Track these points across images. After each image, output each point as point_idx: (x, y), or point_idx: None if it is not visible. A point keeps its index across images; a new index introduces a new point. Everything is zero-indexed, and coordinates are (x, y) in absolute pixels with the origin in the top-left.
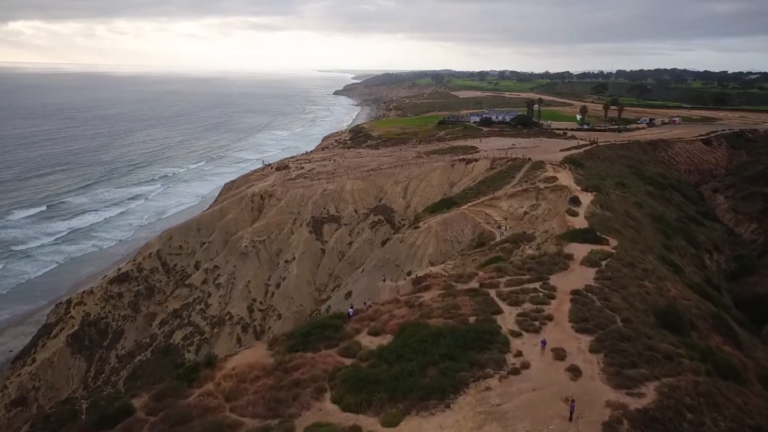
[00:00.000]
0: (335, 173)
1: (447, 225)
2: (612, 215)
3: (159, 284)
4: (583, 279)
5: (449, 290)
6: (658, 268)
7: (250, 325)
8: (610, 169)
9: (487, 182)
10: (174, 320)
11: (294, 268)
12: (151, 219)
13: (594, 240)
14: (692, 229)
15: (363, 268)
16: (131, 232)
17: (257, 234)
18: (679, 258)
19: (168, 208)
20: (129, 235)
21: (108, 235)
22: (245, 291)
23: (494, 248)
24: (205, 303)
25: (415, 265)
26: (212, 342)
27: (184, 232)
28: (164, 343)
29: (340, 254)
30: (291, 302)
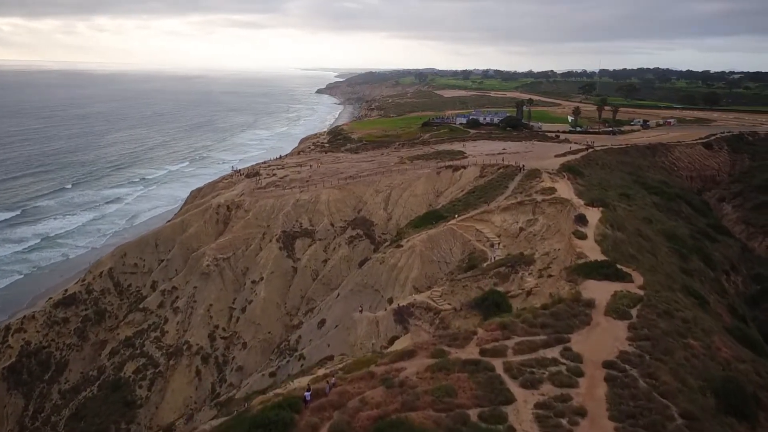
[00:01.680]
0: (310, 181)
1: (433, 243)
2: (624, 236)
3: (110, 308)
4: (614, 339)
5: (441, 360)
6: (699, 317)
7: (211, 356)
8: (611, 177)
9: (476, 192)
10: (126, 350)
11: (262, 289)
12: (125, 225)
13: (615, 276)
14: (706, 247)
15: (338, 293)
16: (104, 239)
17: (221, 250)
18: (700, 284)
19: (144, 212)
20: (102, 242)
21: (79, 243)
22: (206, 316)
23: (487, 272)
24: (161, 330)
25: (396, 291)
26: (167, 376)
27: (141, 248)
28: (113, 376)
29: (314, 273)
30: (258, 329)
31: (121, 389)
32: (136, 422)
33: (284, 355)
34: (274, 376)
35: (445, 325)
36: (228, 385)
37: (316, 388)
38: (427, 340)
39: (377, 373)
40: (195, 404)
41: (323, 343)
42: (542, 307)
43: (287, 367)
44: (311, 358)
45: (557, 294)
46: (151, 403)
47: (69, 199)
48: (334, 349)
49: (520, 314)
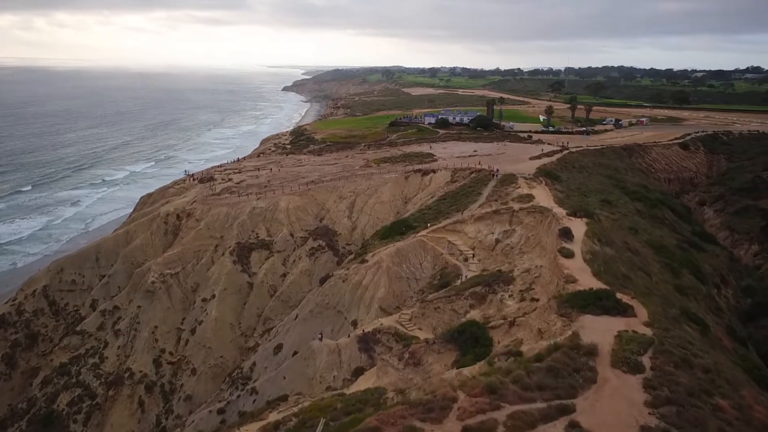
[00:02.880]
0: (269, 186)
1: (401, 257)
2: (614, 252)
3: (44, 330)
4: (629, 405)
5: None
6: (720, 362)
7: (156, 384)
8: (589, 181)
9: (448, 199)
10: (60, 378)
11: (213, 308)
12: (82, 230)
13: (615, 309)
14: (695, 259)
15: (297, 314)
16: (57, 245)
17: (169, 265)
18: (696, 304)
19: (102, 215)
20: (55, 248)
21: (31, 250)
22: (151, 339)
23: (462, 292)
24: (100, 356)
25: (361, 312)
26: (106, 408)
27: (80, 263)
28: (45, 409)
29: (272, 289)
30: (209, 353)
31: (53, 424)
32: None
33: (236, 384)
34: (223, 413)
35: (416, 361)
36: (175, 416)
37: None
38: (393, 413)
39: None
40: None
41: (279, 375)
42: (536, 358)
43: (237, 402)
44: (264, 393)
45: (551, 337)
46: None
47: (21, 203)
48: (291, 382)
49: (510, 370)
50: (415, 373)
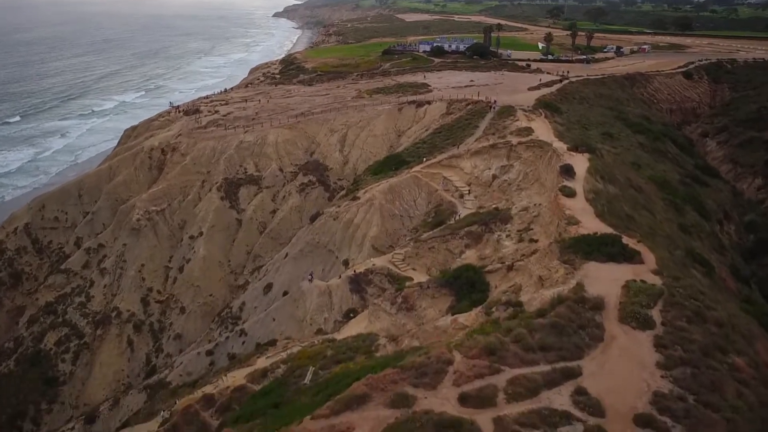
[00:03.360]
0: (257, 119)
1: (395, 194)
2: (617, 190)
3: (28, 269)
4: (640, 367)
5: (403, 422)
6: (734, 315)
7: (144, 323)
8: (591, 113)
9: (443, 133)
10: (46, 317)
11: (201, 246)
12: (71, 162)
13: (621, 255)
14: (699, 194)
15: (287, 253)
16: (47, 177)
17: (154, 202)
18: (700, 243)
19: (91, 147)
20: (44, 181)
21: (20, 182)
22: (138, 278)
23: (457, 231)
24: (86, 294)
25: (353, 252)
26: (94, 347)
27: (62, 200)
28: (32, 348)
29: (261, 226)
30: (197, 291)
31: (41, 364)
32: (59, 401)
33: (225, 324)
34: (212, 354)
35: (409, 305)
36: (165, 355)
37: None
38: (384, 377)
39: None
40: (128, 378)
41: (268, 316)
42: (538, 314)
43: (226, 344)
44: (254, 335)
45: (553, 285)
46: (77, 378)
47: (10, 133)
48: (280, 324)
49: (510, 328)
50: (408, 318)
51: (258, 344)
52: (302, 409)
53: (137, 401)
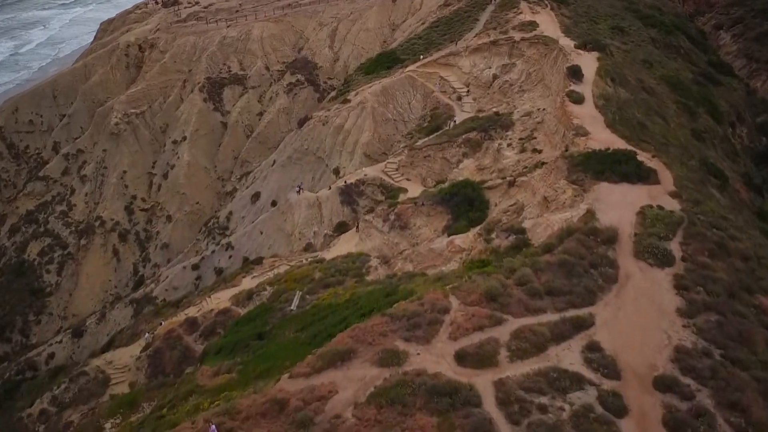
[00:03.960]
0: (240, 11)
1: (388, 96)
2: (628, 94)
3: (5, 175)
4: (659, 315)
5: (393, 382)
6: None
7: (130, 232)
8: (599, 4)
9: (440, 27)
10: (28, 227)
11: (185, 151)
12: (53, 56)
13: (635, 175)
14: (712, 95)
15: (274, 161)
16: (28, 72)
17: (133, 104)
18: (714, 152)
19: (73, 40)
20: (26, 77)
21: (0, 79)
22: (120, 185)
23: (455, 138)
24: (68, 203)
25: (344, 159)
26: (79, 257)
27: (36, 101)
28: (16, 258)
29: (247, 129)
30: (183, 199)
31: (25, 275)
32: (47, 312)
33: (213, 234)
34: (198, 269)
35: (403, 223)
36: (153, 265)
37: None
38: (372, 327)
39: (289, 403)
40: (116, 288)
41: (255, 229)
42: (545, 249)
43: (213, 258)
44: (240, 249)
45: (560, 209)
46: (63, 289)
47: None
48: (268, 237)
49: (513, 268)
50: (401, 237)
51: (245, 258)
52: (285, 348)
53: (124, 315)
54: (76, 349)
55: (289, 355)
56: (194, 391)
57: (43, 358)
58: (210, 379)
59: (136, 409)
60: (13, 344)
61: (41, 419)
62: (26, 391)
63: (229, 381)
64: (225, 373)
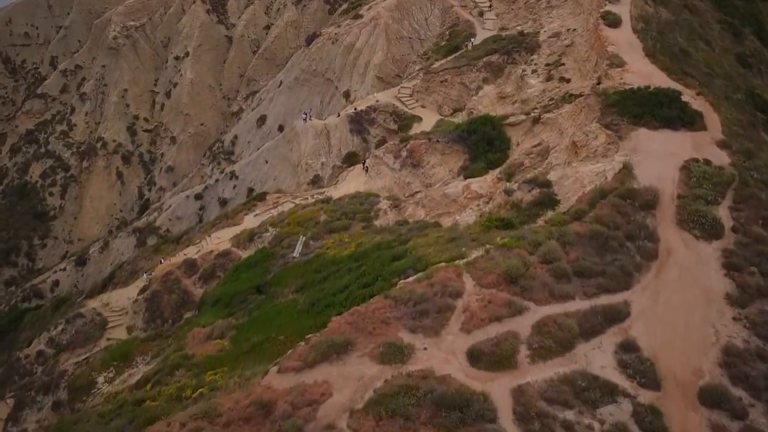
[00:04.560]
0: None
1: (403, 11)
2: (669, 15)
3: (4, 92)
4: (705, 302)
5: (395, 385)
6: None
7: (133, 154)
8: None
9: None
10: (29, 147)
11: (188, 68)
12: None
13: (679, 119)
14: (760, 12)
15: (281, 81)
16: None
17: (132, 15)
18: (760, 80)
19: None
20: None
21: None
22: (122, 104)
23: (475, 61)
24: (68, 123)
25: (354, 82)
26: (82, 180)
27: (30, 12)
28: (18, 180)
29: (254, 45)
30: (188, 120)
31: (28, 197)
32: (52, 236)
33: (218, 159)
34: (201, 198)
35: (415, 161)
36: (158, 189)
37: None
38: (373, 312)
39: (276, 406)
40: (121, 212)
41: (260, 158)
42: (574, 215)
43: (216, 187)
44: (245, 179)
45: (590, 158)
46: (67, 213)
47: None
48: (274, 168)
49: (537, 241)
50: (413, 176)
51: (250, 189)
52: (280, 314)
53: (127, 245)
54: (80, 278)
55: (285, 323)
56: (181, 365)
57: (48, 285)
58: (201, 344)
59: (130, 362)
60: (19, 268)
61: (39, 360)
62: (29, 322)
63: (219, 352)
64: (217, 338)
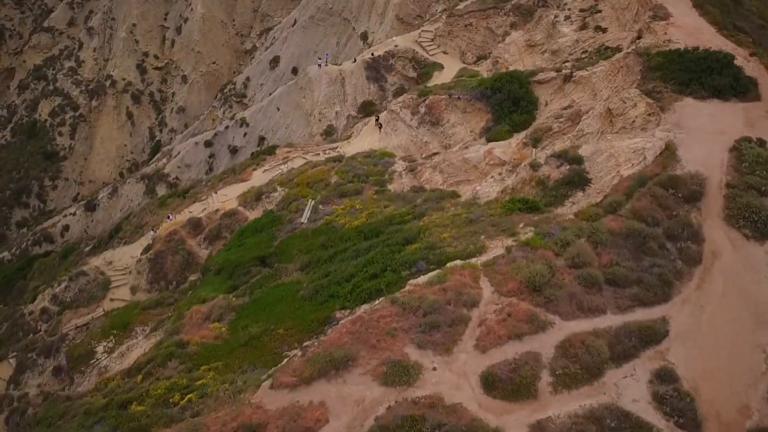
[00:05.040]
0: None
1: None
2: None
3: (9, 24)
4: (753, 319)
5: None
6: None
7: (143, 93)
8: None
9: None
10: (37, 84)
11: (199, 2)
12: None
13: (731, 87)
14: None
15: (295, 20)
16: None
17: None
18: None
19: None
20: None
21: None
22: (131, 40)
23: (502, 3)
24: (76, 59)
25: (373, 23)
26: (92, 120)
27: None
28: (27, 118)
29: None
30: (199, 58)
31: (38, 136)
32: (63, 177)
33: (229, 102)
34: (210, 145)
35: (434, 118)
36: (170, 130)
37: None
38: (378, 319)
39: (265, 430)
40: (132, 154)
41: (272, 105)
42: (608, 208)
43: (226, 135)
44: (256, 127)
45: (627, 129)
46: (78, 153)
47: None
48: (285, 116)
49: (566, 240)
50: (431, 135)
51: (261, 137)
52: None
53: (136, 191)
54: (90, 223)
55: (285, 311)
56: (174, 355)
57: (58, 230)
58: (198, 327)
59: (129, 332)
60: (31, 209)
61: (43, 318)
62: (38, 270)
63: (215, 340)
64: (216, 320)
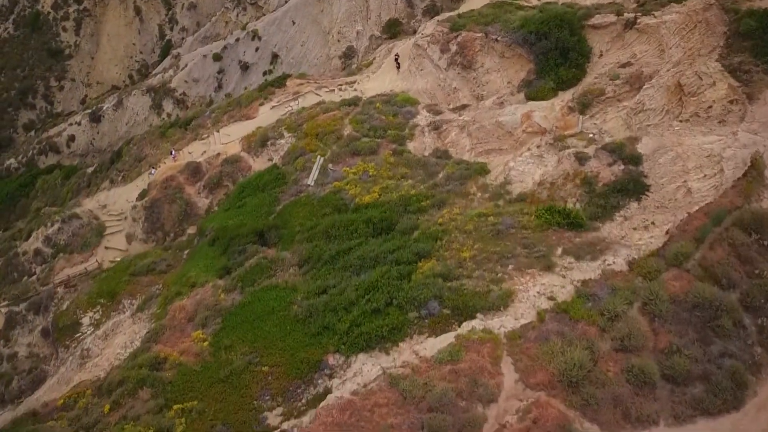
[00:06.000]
0: None
1: None
2: None
3: None
4: None
5: None
6: None
7: None
8: None
9: None
10: None
11: None
12: None
13: None
14: None
15: None
16: None
17: None
18: None
19: None
20: None
21: None
22: None
23: None
24: None
25: None
26: (97, 15)
27: None
28: (30, 9)
29: None
30: None
31: (41, 30)
32: (69, 78)
33: (243, 4)
34: (220, 59)
35: (467, 61)
36: (180, 29)
37: None
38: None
39: None
40: (141, 54)
41: (287, 17)
42: (673, 260)
43: (237, 48)
44: (269, 42)
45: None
46: (84, 52)
47: None
48: (301, 32)
49: (614, 310)
50: (462, 80)
51: (274, 55)
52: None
53: (142, 104)
54: (95, 135)
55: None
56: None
57: (63, 139)
58: (179, 335)
59: (116, 304)
60: (38, 111)
61: (37, 260)
62: (41, 189)
63: (193, 365)
64: (200, 325)
